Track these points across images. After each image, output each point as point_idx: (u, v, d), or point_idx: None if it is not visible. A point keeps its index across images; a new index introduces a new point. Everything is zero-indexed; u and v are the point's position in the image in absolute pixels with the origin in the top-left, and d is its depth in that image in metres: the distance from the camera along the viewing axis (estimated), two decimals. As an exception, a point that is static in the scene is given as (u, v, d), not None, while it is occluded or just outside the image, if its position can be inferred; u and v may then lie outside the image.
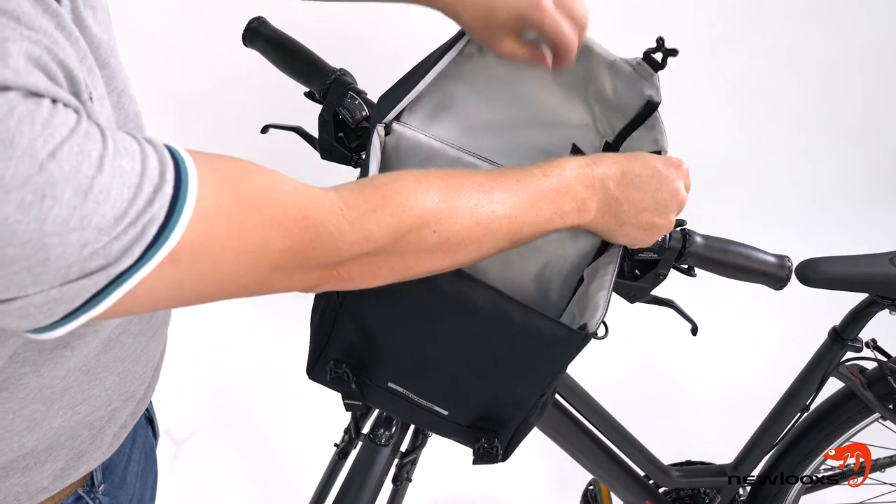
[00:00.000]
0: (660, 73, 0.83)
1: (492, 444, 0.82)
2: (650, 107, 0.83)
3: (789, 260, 0.84)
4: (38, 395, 0.59)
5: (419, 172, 0.62)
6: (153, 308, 0.47)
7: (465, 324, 0.72)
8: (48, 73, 0.40)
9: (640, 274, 0.82)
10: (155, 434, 0.84)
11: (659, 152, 0.78)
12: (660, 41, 0.81)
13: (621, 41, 0.83)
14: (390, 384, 0.81)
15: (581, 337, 0.70)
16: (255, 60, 0.95)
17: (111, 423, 0.69)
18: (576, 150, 0.82)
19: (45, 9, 0.42)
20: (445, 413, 0.82)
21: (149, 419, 0.82)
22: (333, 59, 0.91)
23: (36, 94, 0.38)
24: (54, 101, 0.39)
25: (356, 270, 0.58)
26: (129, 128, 0.58)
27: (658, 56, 0.81)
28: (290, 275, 0.53)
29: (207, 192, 0.45)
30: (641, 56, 0.83)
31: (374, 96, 0.85)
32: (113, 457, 0.71)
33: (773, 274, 0.83)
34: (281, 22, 0.95)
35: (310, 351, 0.84)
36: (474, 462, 0.84)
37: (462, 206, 0.61)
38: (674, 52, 0.81)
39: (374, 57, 1.70)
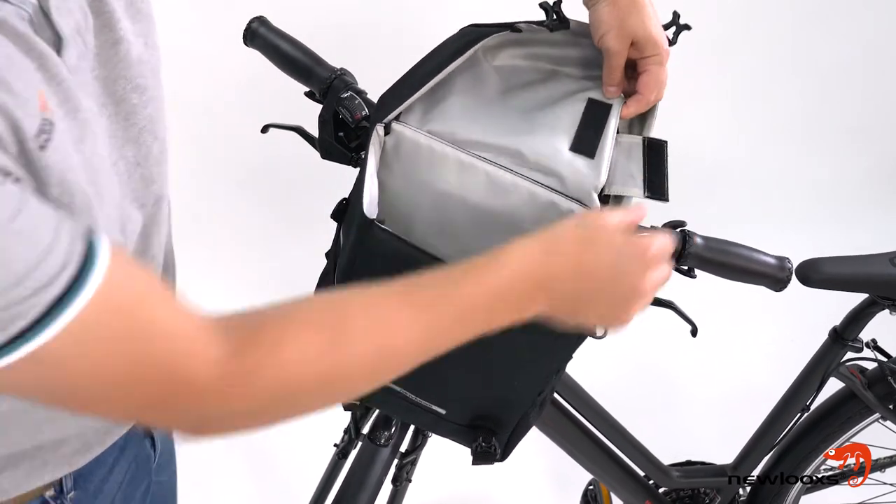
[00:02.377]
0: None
1: (490, 444, 0.82)
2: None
3: (789, 261, 0.83)
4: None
5: (318, 317, 0.57)
6: (15, 394, 0.46)
7: None
8: None
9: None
10: (155, 447, 0.81)
11: (665, 185, 0.76)
12: (675, 15, 0.81)
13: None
14: (388, 384, 0.81)
15: (576, 333, 0.70)
16: (256, 60, 0.95)
17: (81, 440, 0.67)
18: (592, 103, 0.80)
19: (28, 50, 0.40)
20: (443, 412, 0.82)
21: (148, 432, 0.79)
22: (333, 59, 0.91)
23: None
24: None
25: (231, 424, 0.57)
26: (148, 165, 0.57)
27: (670, 33, 0.81)
28: (156, 415, 0.53)
29: (92, 310, 0.42)
30: None
31: (374, 96, 0.85)
32: (91, 464, 0.69)
33: (773, 275, 0.83)
34: (281, 21, 0.95)
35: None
36: (473, 462, 0.84)
37: (358, 363, 0.58)
38: (687, 27, 0.81)
39: (375, 57, 1.69)
